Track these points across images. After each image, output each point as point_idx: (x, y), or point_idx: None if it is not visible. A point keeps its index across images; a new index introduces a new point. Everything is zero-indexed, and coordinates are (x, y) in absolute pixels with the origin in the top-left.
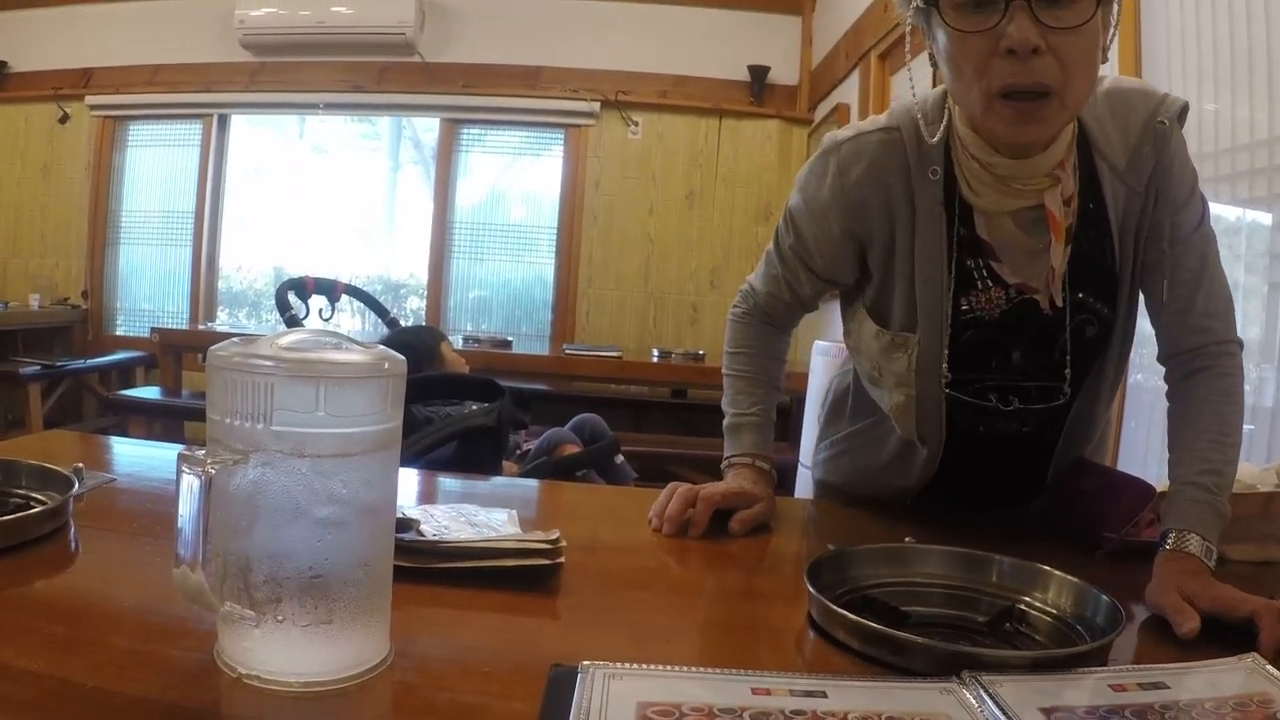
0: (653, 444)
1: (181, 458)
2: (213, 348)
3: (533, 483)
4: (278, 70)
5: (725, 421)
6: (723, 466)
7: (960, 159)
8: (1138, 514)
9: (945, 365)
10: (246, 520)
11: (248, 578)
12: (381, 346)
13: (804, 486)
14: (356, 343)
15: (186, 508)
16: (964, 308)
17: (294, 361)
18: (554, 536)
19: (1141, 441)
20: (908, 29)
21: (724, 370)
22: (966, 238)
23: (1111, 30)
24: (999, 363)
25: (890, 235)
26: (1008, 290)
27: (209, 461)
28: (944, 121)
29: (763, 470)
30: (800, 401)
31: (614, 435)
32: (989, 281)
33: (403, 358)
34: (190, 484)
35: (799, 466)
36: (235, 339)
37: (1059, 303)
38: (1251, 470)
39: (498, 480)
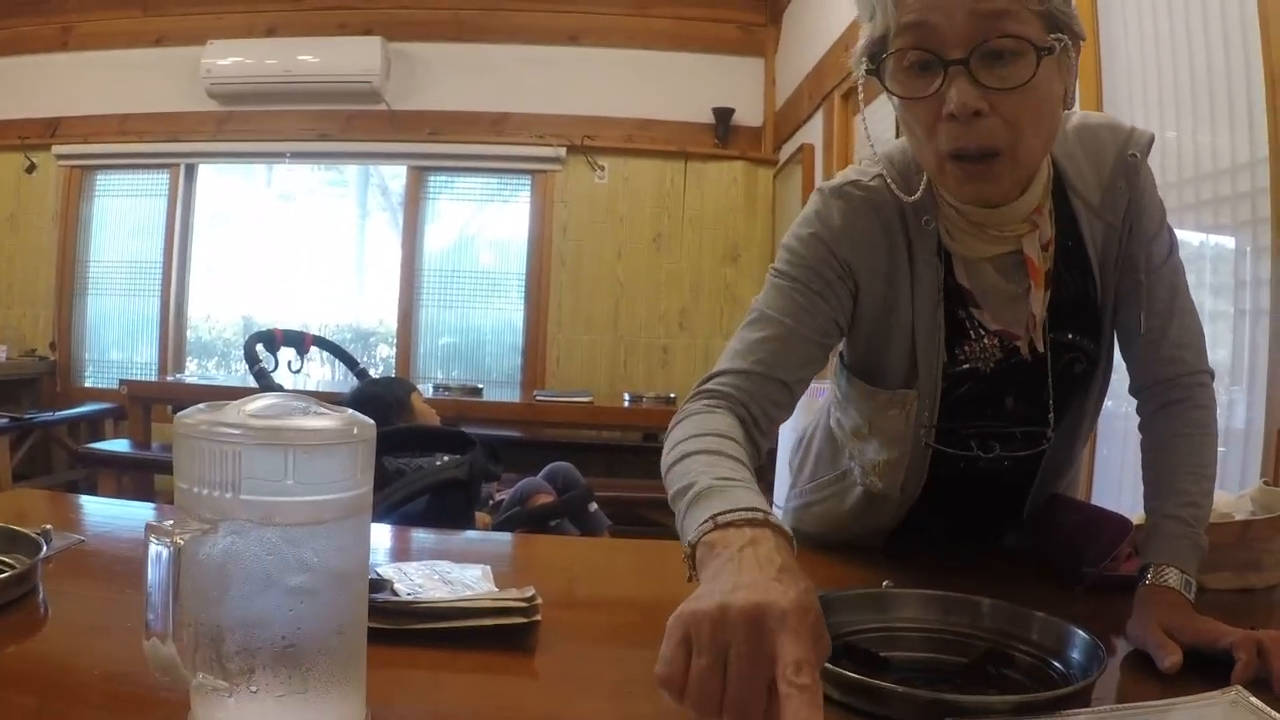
0: (626, 489)
1: (149, 529)
2: (179, 415)
3: (506, 536)
4: (245, 119)
5: (691, 492)
6: (697, 537)
7: (940, 207)
8: (1116, 548)
9: (935, 419)
10: (217, 590)
11: (220, 648)
12: (350, 410)
13: None
14: (325, 407)
15: (155, 579)
16: (960, 359)
17: (262, 429)
18: (529, 594)
19: (1115, 469)
20: (860, 83)
21: (678, 455)
22: (950, 286)
23: (1072, 78)
24: (991, 411)
25: (885, 285)
26: (999, 338)
27: (177, 532)
28: (924, 173)
29: (784, 532)
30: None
31: (587, 483)
32: (980, 330)
33: (372, 421)
34: (158, 554)
35: (774, 507)
36: (202, 406)
37: (1040, 348)
38: (1227, 498)
39: (470, 534)
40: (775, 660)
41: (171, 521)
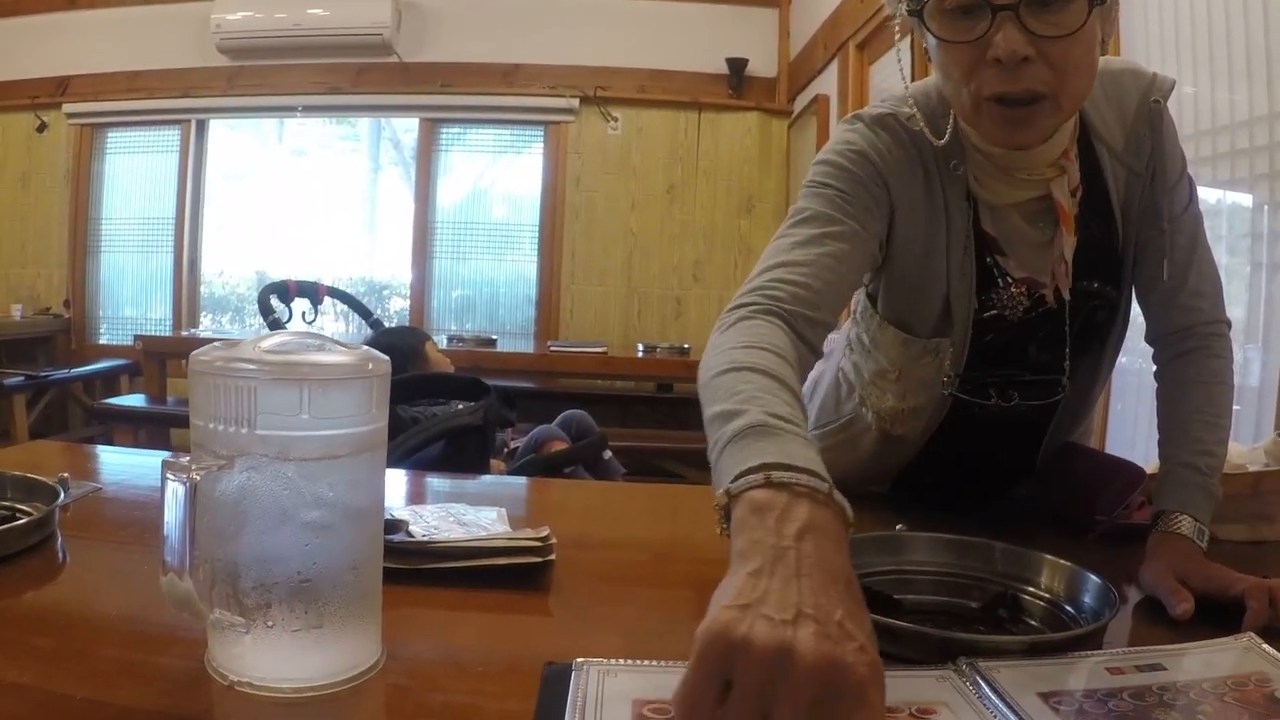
0: (639, 439)
1: (166, 465)
2: (194, 353)
3: (521, 480)
4: (255, 74)
5: (739, 421)
6: (740, 488)
7: (967, 152)
8: (1129, 497)
9: (961, 368)
10: (233, 526)
11: (236, 584)
12: (365, 347)
13: None
14: (340, 344)
15: (172, 515)
16: (988, 306)
17: (277, 365)
18: (544, 534)
19: (1129, 424)
20: (896, 22)
21: (726, 364)
22: (977, 233)
23: (1111, 26)
24: (1013, 359)
25: (923, 226)
26: (1027, 286)
27: (194, 468)
28: (951, 116)
29: (848, 515)
30: None
31: (601, 431)
32: (1009, 278)
33: (387, 358)
34: (175, 491)
35: None
36: (217, 343)
37: (1065, 295)
38: (1240, 450)
39: (485, 479)
40: None
41: (188, 458)
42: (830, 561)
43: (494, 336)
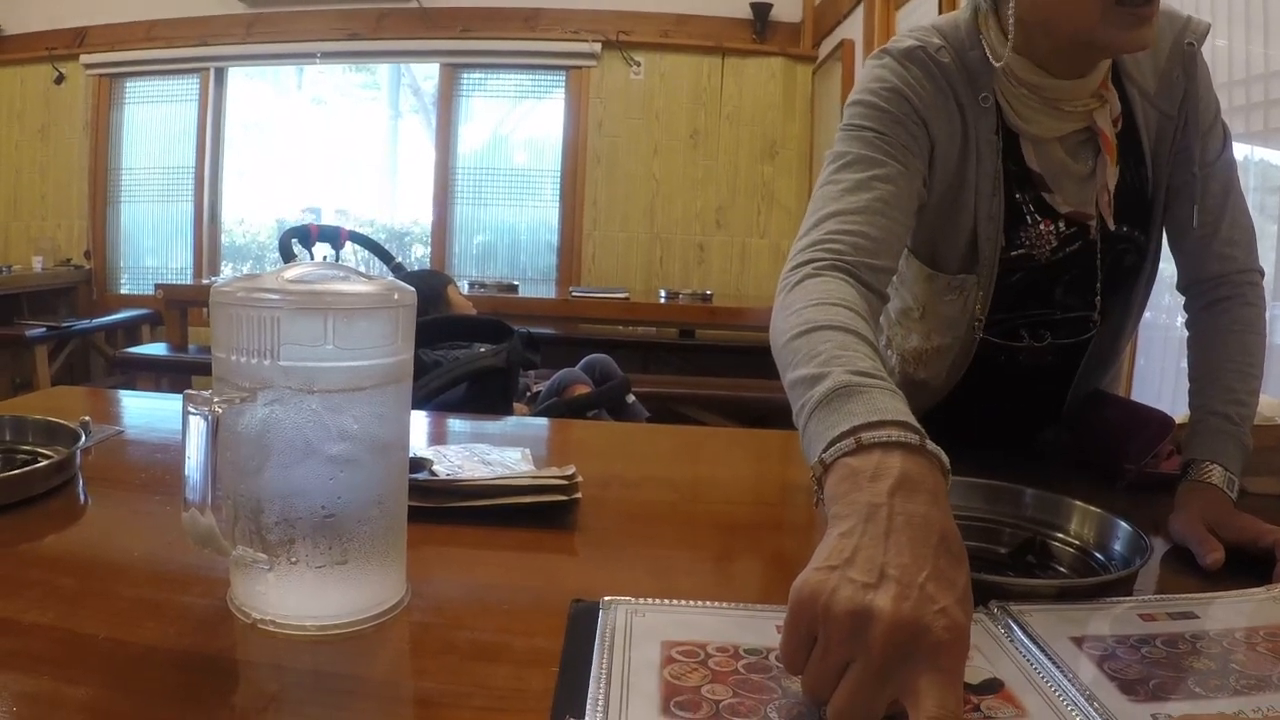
0: (662, 384)
1: (187, 397)
2: (216, 284)
3: (544, 421)
4: (274, 21)
5: (824, 385)
6: (834, 455)
7: (1002, 86)
8: (1158, 446)
9: (988, 308)
10: (256, 460)
11: (259, 520)
12: (390, 278)
13: None
14: (364, 275)
15: (193, 449)
16: (1017, 246)
17: (301, 294)
18: (570, 472)
19: (1154, 377)
20: None
21: (803, 324)
22: (1014, 171)
23: None
24: (1038, 301)
25: (956, 159)
26: (1057, 224)
27: (215, 400)
28: (978, 50)
29: (944, 463)
30: None
31: (625, 375)
32: (1037, 216)
33: (412, 289)
34: (196, 424)
35: None
36: (239, 275)
37: (1111, 227)
38: (1271, 403)
39: (508, 420)
40: (913, 697)
41: (209, 391)
42: (923, 517)
43: (516, 282)
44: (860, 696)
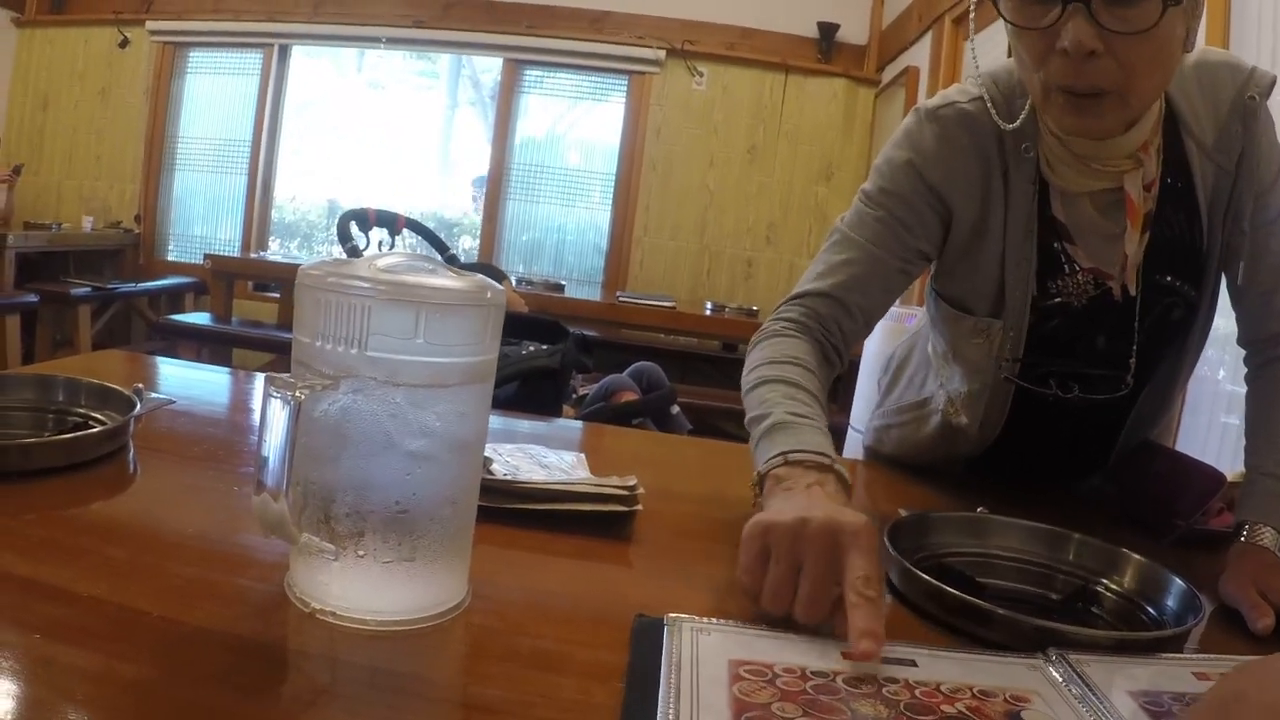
0: (700, 396)
1: (270, 380)
2: (304, 265)
3: (598, 427)
4: (341, 3)
5: (766, 422)
6: (767, 469)
7: (1042, 135)
8: (1208, 502)
9: (1020, 353)
10: (333, 449)
11: (329, 509)
12: (480, 275)
13: (851, 450)
14: (451, 270)
15: (273, 434)
16: (1051, 293)
17: (394, 285)
18: (631, 483)
19: (1200, 436)
20: (973, 5)
21: (757, 379)
22: (1045, 217)
23: (1196, 21)
24: (1081, 349)
25: (980, 212)
26: (1094, 276)
27: (299, 385)
28: (1028, 97)
29: (845, 480)
30: (854, 364)
31: (671, 385)
32: (1074, 265)
33: (502, 288)
34: (279, 407)
35: (849, 429)
36: (328, 259)
37: (1131, 292)
38: None
39: (560, 422)
40: (845, 571)
41: (291, 376)
42: (831, 494)
43: (562, 282)
44: (816, 585)
